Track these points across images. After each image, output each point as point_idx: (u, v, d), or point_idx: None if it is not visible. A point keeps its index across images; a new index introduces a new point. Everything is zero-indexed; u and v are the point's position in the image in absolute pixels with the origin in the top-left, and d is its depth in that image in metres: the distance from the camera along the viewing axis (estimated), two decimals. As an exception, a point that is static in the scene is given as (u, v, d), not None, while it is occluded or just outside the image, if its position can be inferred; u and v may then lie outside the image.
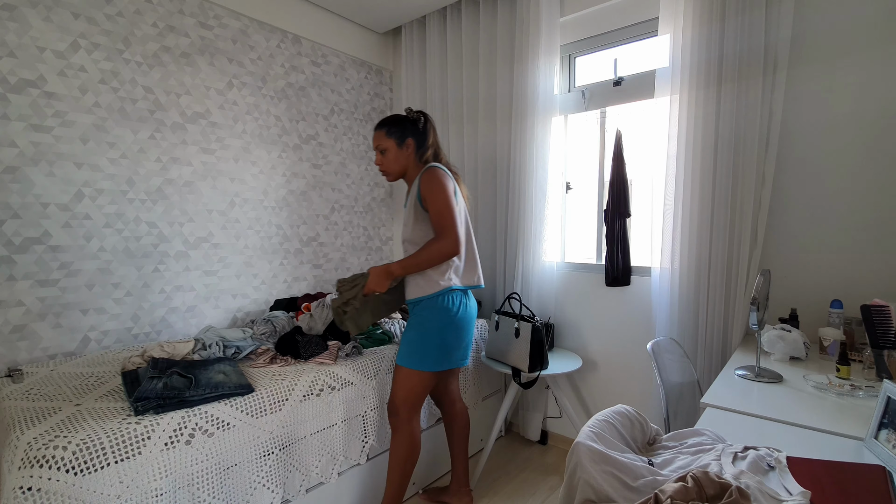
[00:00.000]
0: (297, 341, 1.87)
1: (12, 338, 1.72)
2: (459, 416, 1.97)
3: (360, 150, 3.04)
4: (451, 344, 1.72)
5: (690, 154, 1.96)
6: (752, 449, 0.92)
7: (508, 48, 2.51)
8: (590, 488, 0.85)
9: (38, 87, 1.76)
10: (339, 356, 1.86)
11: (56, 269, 1.81)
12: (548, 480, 2.24)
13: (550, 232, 2.46)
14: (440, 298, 1.69)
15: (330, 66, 2.85)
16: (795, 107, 1.82)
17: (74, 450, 1.14)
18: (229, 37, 2.34)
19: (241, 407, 1.46)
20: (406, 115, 1.80)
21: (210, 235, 2.29)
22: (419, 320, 1.71)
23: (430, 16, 2.82)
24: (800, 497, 0.77)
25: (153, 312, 2.10)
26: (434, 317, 1.69)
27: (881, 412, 0.99)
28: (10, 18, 1.69)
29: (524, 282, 2.49)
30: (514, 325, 2.16)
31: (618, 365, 2.37)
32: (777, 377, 1.41)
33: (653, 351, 1.65)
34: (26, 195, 1.74)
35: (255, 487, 1.47)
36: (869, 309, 1.41)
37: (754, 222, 1.86)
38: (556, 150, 2.44)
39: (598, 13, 2.33)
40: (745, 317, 1.87)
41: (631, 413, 1.07)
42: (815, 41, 1.77)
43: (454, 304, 1.71)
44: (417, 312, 1.73)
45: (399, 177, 1.82)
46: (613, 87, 2.31)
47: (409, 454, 1.73)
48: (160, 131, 2.10)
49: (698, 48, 1.92)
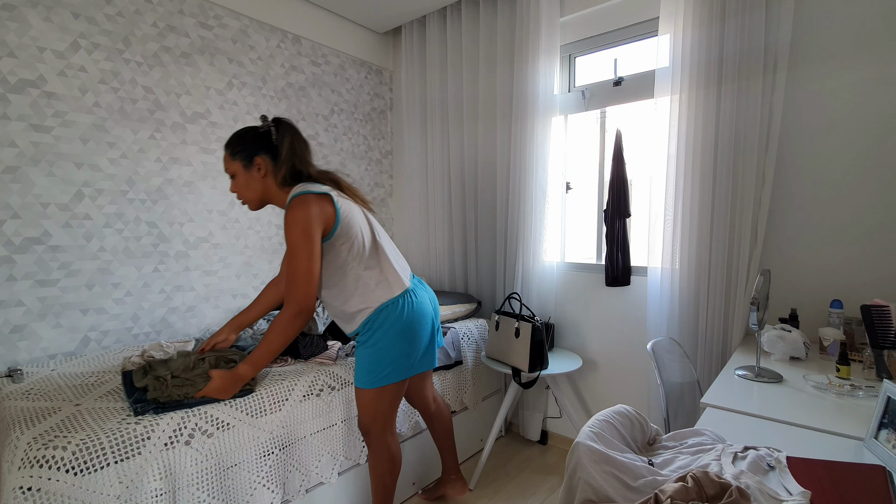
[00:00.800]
0: (296, 341, 1.87)
1: (12, 338, 1.72)
2: (438, 415, 1.93)
3: (359, 150, 3.04)
4: (406, 352, 1.56)
5: (690, 154, 1.96)
6: (752, 449, 0.92)
7: (508, 48, 2.51)
8: (590, 488, 0.85)
9: (38, 87, 1.76)
10: (339, 356, 1.86)
11: (56, 269, 1.81)
12: (548, 480, 2.24)
13: (550, 232, 2.46)
14: (381, 314, 1.53)
15: (330, 66, 2.85)
16: (795, 107, 1.82)
17: (74, 450, 1.14)
18: (229, 37, 2.34)
19: (240, 407, 1.46)
20: (258, 126, 1.51)
21: (210, 235, 2.29)
22: (366, 338, 1.56)
23: (430, 16, 2.82)
24: (800, 497, 0.77)
25: (153, 312, 2.10)
26: (381, 332, 1.53)
27: (881, 412, 0.99)
28: (10, 18, 1.69)
29: (524, 282, 2.49)
30: (514, 325, 2.16)
31: (618, 365, 2.37)
32: (777, 377, 1.41)
33: (653, 351, 1.65)
34: (26, 195, 1.74)
35: (255, 487, 1.47)
36: (869, 309, 1.41)
37: (754, 222, 1.86)
38: (556, 150, 2.44)
39: (598, 13, 2.33)
40: (745, 317, 1.87)
41: (631, 413, 1.07)
42: (815, 41, 1.77)
43: (397, 309, 1.53)
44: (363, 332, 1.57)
45: (261, 204, 1.54)
46: (613, 87, 2.31)
47: (388, 468, 1.65)
48: (160, 131, 2.10)
49: (698, 48, 1.92)
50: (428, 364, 1.66)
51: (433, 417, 1.95)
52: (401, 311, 1.54)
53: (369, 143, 3.11)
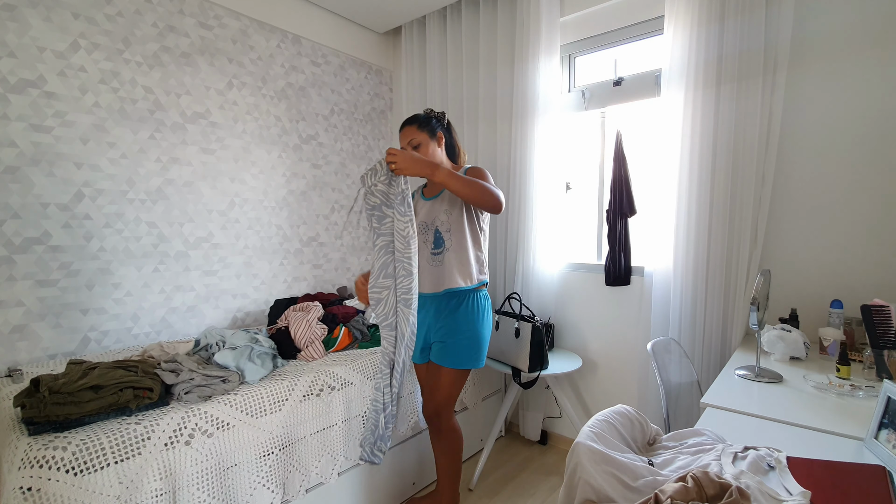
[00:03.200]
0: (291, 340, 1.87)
1: (12, 338, 1.72)
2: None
3: (360, 150, 3.04)
4: (488, 341, 1.77)
5: (690, 154, 1.96)
6: (752, 449, 0.92)
7: (508, 48, 2.51)
8: (590, 488, 0.85)
9: (38, 87, 1.76)
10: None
11: (56, 269, 1.81)
12: (548, 480, 2.24)
13: (550, 232, 2.46)
14: (478, 295, 1.73)
15: (330, 66, 2.85)
16: (795, 107, 1.82)
17: (74, 450, 1.14)
18: (229, 37, 2.34)
19: (240, 407, 1.46)
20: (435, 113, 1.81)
21: (210, 235, 2.29)
22: (462, 321, 1.69)
23: (430, 16, 2.82)
24: (800, 497, 0.77)
25: (153, 312, 2.10)
26: (475, 315, 1.71)
27: (881, 412, 0.99)
28: (10, 18, 1.69)
29: (524, 282, 2.49)
30: (514, 325, 2.16)
31: (618, 365, 2.36)
32: (777, 377, 1.41)
33: (653, 351, 1.65)
34: (26, 195, 1.74)
35: (255, 487, 1.47)
36: (869, 309, 1.41)
37: (754, 222, 1.86)
38: (556, 150, 2.44)
39: (598, 13, 2.33)
40: (745, 317, 1.87)
41: (631, 413, 1.07)
42: (815, 41, 1.77)
43: (488, 302, 1.77)
44: (459, 311, 1.69)
45: None
46: (613, 87, 2.31)
47: (460, 445, 1.80)
48: (160, 131, 2.10)
49: (698, 48, 1.91)
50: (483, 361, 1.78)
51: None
52: (491, 302, 1.80)
53: (369, 143, 3.11)
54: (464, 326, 1.69)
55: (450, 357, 1.69)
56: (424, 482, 2.14)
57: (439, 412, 1.73)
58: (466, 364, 1.70)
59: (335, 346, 2.00)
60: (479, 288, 1.74)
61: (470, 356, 1.70)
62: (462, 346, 1.69)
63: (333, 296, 2.57)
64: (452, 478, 1.80)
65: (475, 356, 1.72)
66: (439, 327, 1.73)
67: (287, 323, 2.00)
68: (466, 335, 1.69)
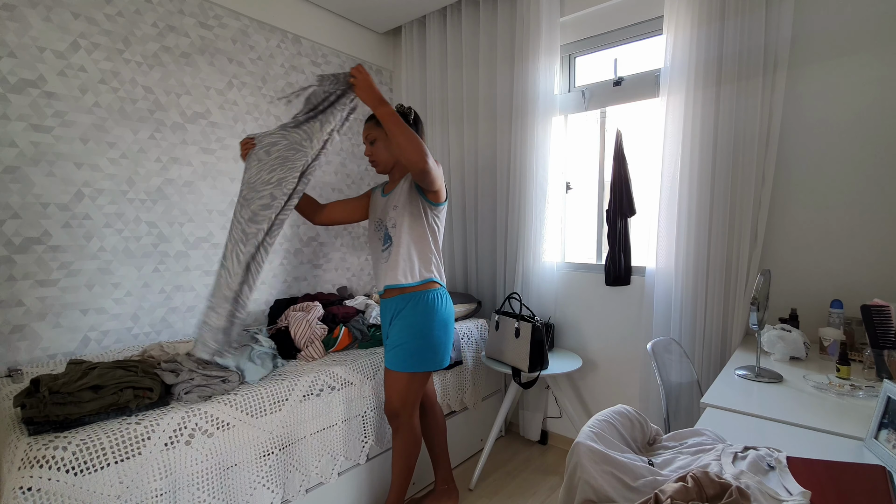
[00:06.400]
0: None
1: (12, 338, 1.72)
2: (439, 417, 1.96)
3: (359, 149, 3.04)
4: (445, 343, 1.73)
5: (690, 153, 1.96)
6: (752, 449, 0.92)
7: (508, 48, 2.51)
8: (590, 488, 0.85)
9: (38, 87, 1.76)
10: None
11: (56, 269, 1.81)
12: (548, 480, 2.24)
13: (550, 232, 2.46)
14: (427, 295, 1.68)
15: (330, 66, 2.84)
16: (795, 107, 1.82)
17: (74, 450, 1.14)
18: (229, 37, 2.34)
19: (241, 407, 1.46)
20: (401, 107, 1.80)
21: (210, 235, 2.29)
22: (409, 322, 1.67)
23: (430, 16, 2.82)
24: (800, 497, 0.77)
25: (153, 312, 2.09)
26: (423, 316, 1.67)
27: (881, 412, 0.99)
28: (10, 18, 1.69)
29: (524, 282, 2.49)
30: (514, 325, 2.16)
31: (618, 365, 2.36)
32: (777, 377, 1.41)
33: (653, 351, 1.65)
34: (26, 195, 1.74)
35: (255, 487, 1.47)
36: (869, 309, 1.41)
37: (754, 222, 1.86)
38: (556, 150, 2.44)
39: (598, 13, 2.33)
40: (745, 317, 1.87)
41: (631, 413, 1.07)
42: (815, 41, 1.77)
43: (440, 302, 1.71)
44: (405, 313, 1.68)
45: (389, 168, 1.81)
46: (613, 87, 2.31)
47: (414, 450, 1.77)
48: (160, 131, 2.09)
49: (698, 48, 1.91)
50: (446, 362, 1.77)
51: (437, 417, 1.95)
52: (446, 303, 1.74)
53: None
54: (414, 329, 1.67)
55: (399, 361, 1.68)
56: (424, 482, 2.14)
57: (397, 413, 1.72)
58: (418, 367, 1.67)
59: (335, 346, 2.00)
60: (428, 287, 1.70)
61: (423, 359, 1.68)
62: (411, 348, 1.67)
63: (333, 296, 2.57)
64: (402, 478, 1.76)
65: (430, 358, 1.69)
66: (392, 332, 1.72)
67: (287, 323, 2.01)
68: (416, 337, 1.67)
